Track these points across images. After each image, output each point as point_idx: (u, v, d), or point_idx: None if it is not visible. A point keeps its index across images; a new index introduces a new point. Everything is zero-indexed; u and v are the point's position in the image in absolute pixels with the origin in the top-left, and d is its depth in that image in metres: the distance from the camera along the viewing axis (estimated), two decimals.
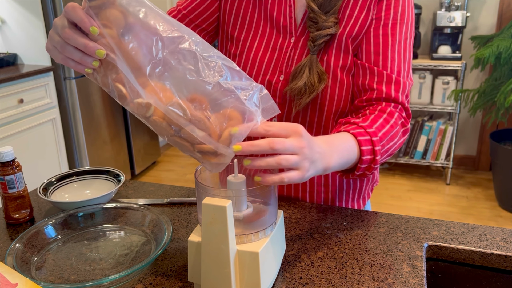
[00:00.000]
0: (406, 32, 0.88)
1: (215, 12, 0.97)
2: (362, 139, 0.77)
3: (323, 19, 0.86)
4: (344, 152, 0.73)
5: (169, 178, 3.42)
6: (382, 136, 0.80)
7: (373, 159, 0.78)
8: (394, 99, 0.86)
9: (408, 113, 0.89)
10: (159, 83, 0.61)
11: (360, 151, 0.76)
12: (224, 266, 0.62)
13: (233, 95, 0.61)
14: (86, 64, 0.63)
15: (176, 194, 1.03)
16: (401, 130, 0.86)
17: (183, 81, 0.61)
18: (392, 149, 0.84)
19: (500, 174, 2.85)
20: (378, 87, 0.86)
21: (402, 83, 0.87)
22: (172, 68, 0.61)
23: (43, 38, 2.61)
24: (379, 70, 0.87)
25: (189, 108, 0.61)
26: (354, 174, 0.79)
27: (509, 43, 2.60)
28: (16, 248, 0.74)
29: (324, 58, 0.89)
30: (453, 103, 3.10)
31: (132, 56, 0.61)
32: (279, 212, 0.72)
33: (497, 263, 0.78)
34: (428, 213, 2.82)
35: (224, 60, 0.63)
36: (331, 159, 0.69)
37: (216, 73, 0.61)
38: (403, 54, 0.88)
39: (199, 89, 0.61)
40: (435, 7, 3.22)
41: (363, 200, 1.04)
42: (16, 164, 0.88)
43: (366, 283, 0.69)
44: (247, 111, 0.61)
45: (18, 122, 2.43)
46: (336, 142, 0.73)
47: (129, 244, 0.80)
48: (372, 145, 0.78)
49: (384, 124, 0.82)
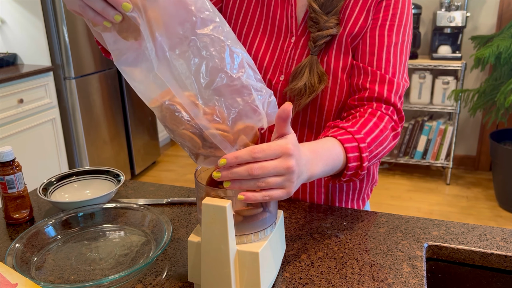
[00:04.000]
0: (404, 34, 0.87)
1: (217, 3, 0.97)
2: (349, 146, 0.76)
3: (324, 20, 0.86)
4: (329, 160, 0.72)
5: (169, 178, 3.42)
6: (371, 141, 0.79)
7: (359, 166, 0.77)
8: (386, 99, 0.85)
9: (401, 116, 0.87)
10: (178, 61, 0.58)
11: (347, 158, 0.75)
12: (224, 266, 0.62)
13: (249, 93, 0.60)
14: (107, 16, 0.57)
15: (176, 194, 1.03)
16: (391, 135, 0.85)
17: (205, 65, 0.59)
18: (380, 154, 0.83)
19: (500, 174, 2.85)
20: (370, 86, 0.86)
21: (396, 83, 0.86)
22: (197, 50, 0.58)
23: (43, 38, 2.61)
24: (372, 70, 0.86)
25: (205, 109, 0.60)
26: (341, 180, 0.79)
27: (509, 43, 2.60)
28: (16, 248, 0.74)
29: (325, 59, 0.89)
30: (453, 103, 3.10)
31: (158, 25, 0.57)
32: (279, 212, 0.72)
33: (497, 263, 0.78)
34: (428, 213, 2.82)
35: (248, 58, 0.62)
36: (316, 167, 0.68)
37: (239, 68, 0.60)
38: (399, 56, 0.87)
39: (218, 78, 0.59)
40: (435, 7, 3.22)
41: (363, 201, 1.04)
42: (16, 164, 0.88)
43: (366, 283, 0.69)
44: (257, 113, 0.60)
45: (18, 122, 2.43)
46: (321, 150, 0.72)
47: (129, 244, 0.80)
48: (360, 152, 0.76)
49: (373, 129, 0.81)
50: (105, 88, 2.95)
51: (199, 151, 0.63)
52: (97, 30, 0.61)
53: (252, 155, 0.58)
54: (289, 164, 0.60)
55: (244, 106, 0.60)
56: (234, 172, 0.58)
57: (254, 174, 0.58)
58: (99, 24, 0.59)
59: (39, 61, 2.65)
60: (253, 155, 0.58)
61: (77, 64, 2.70)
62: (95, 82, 2.86)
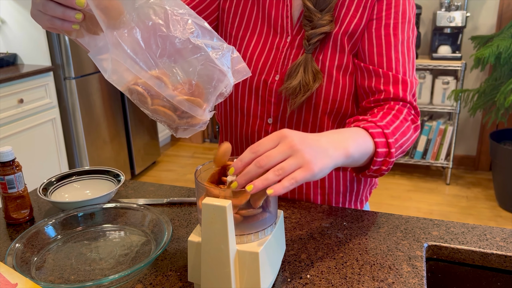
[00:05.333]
0: (408, 31, 0.87)
1: (215, 11, 0.97)
2: (374, 132, 0.75)
3: (318, 17, 0.86)
4: (360, 140, 0.72)
5: (169, 178, 3.42)
6: (394, 130, 0.79)
7: (388, 152, 0.76)
8: (402, 98, 0.85)
9: (417, 111, 0.88)
10: (128, 39, 0.60)
11: (374, 143, 0.74)
12: (224, 266, 0.62)
13: (203, 52, 0.60)
14: (70, 19, 0.62)
15: (176, 194, 1.03)
16: (412, 126, 0.85)
17: (153, 36, 0.60)
18: (405, 145, 0.82)
19: (500, 174, 2.85)
20: (385, 88, 0.86)
21: (410, 82, 0.86)
22: (142, 23, 0.60)
23: (43, 38, 2.61)
24: (384, 72, 0.86)
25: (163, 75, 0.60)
26: (371, 170, 0.77)
27: (509, 43, 2.60)
28: (16, 248, 0.74)
29: (320, 58, 0.88)
30: (453, 103, 3.10)
31: (105, 10, 0.60)
32: (279, 212, 0.72)
33: (497, 263, 0.78)
34: (428, 213, 2.82)
35: (196, 19, 0.62)
36: (348, 145, 0.68)
37: (187, 30, 0.60)
38: (407, 54, 0.87)
39: (168, 44, 0.60)
40: (435, 7, 3.22)
41: (361, 203, 1.04)
42: (16, 164, 0.88)
43: (366, 283, 0.69)
44: (217, 70, 0.60)
45: (18, 122, 2.43)
46: (347, 133, 0.72)
47: (129, 244, 0.80)
48: (386, 138, 0.76)
49: (394, 120, 0.81)
50: (105, 88, 2.95)
51: (176, 124, 0.64)
52: (74, 38, 0.65)
53: (252, 150, 0.61)
54: (290, 143, 0.61)
55: (204, 66, 0.60)
56: (246, 173, 0.60)
57: (262, 164, 0.59)
58: (70, 29, 0.63)
59: (39, 61, 2.65)
60: (253, 150, 0.61)
61: (77, 64, 2.70)
62: (95, 82, 2.86)
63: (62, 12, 0.62)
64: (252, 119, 0.95)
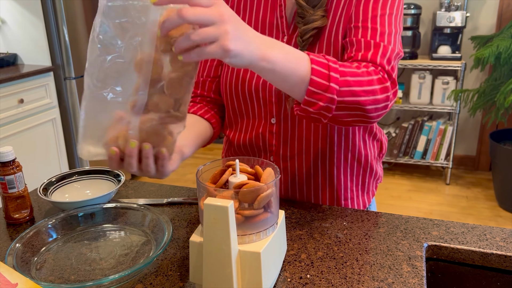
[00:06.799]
0: (391, 7, 0.84)
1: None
2: (316, 59, 0.70)
3: (310, 13, 0.86)
4: (290, 55, 0.67)
5: (169, 178, 3.42)
6: (345, 72, 0.73)
7: (327, 87, 0.70)
8: (371, 60, 0.80)
9: (390, 76, 0.79)
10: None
11: (311, 69, 0.69)
12: (226, 267, 0.62)
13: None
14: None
15: (176, 194, 1.03)
16: (375, 78, 0.76)
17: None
18: (357, 88, 0.73)
19: (500, 174, 2.85)
20: (355, 53, 0.82)
21: (382, 46, 0.81)
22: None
23: (43, 38, 2.61)
24: (357, 39, 0.83)
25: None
26: (305, 101, 0.72)
27: (509, 43, 2.61)
28: (16, 248, 0.74)
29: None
30: (453, 103, 3.10)
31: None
32: (280, 212, 0.72)
33: (497, 263, 0.78)
34: (428, 213, 2.83)
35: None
36: (272, 50, 0.64)
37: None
38: (388, 26, 0.83)
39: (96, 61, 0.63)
40: (435, 7, 3.22)
41: (368, 196, 1.05)
42: (16, 164, 0.89)
43: (366, 283, 0.70)
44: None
45: (18, 122, 2.43)
46: (283, 44, 0.68)
47: (129, 244, 0.81)
48: (328, 70, 0.70)
49: (351, 67, 0.75)
50: None
51: (175, 105, 0.63)
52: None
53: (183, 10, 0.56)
54: (221, 11, 0.57)
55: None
56: (167, 20, 0.56)
57: (184, 16, 0.55)
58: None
59: (39, 61, 2.65)
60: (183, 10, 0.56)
61: (77, 64, 2.69)
62: None
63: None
64: (257, 121, 0.96)
